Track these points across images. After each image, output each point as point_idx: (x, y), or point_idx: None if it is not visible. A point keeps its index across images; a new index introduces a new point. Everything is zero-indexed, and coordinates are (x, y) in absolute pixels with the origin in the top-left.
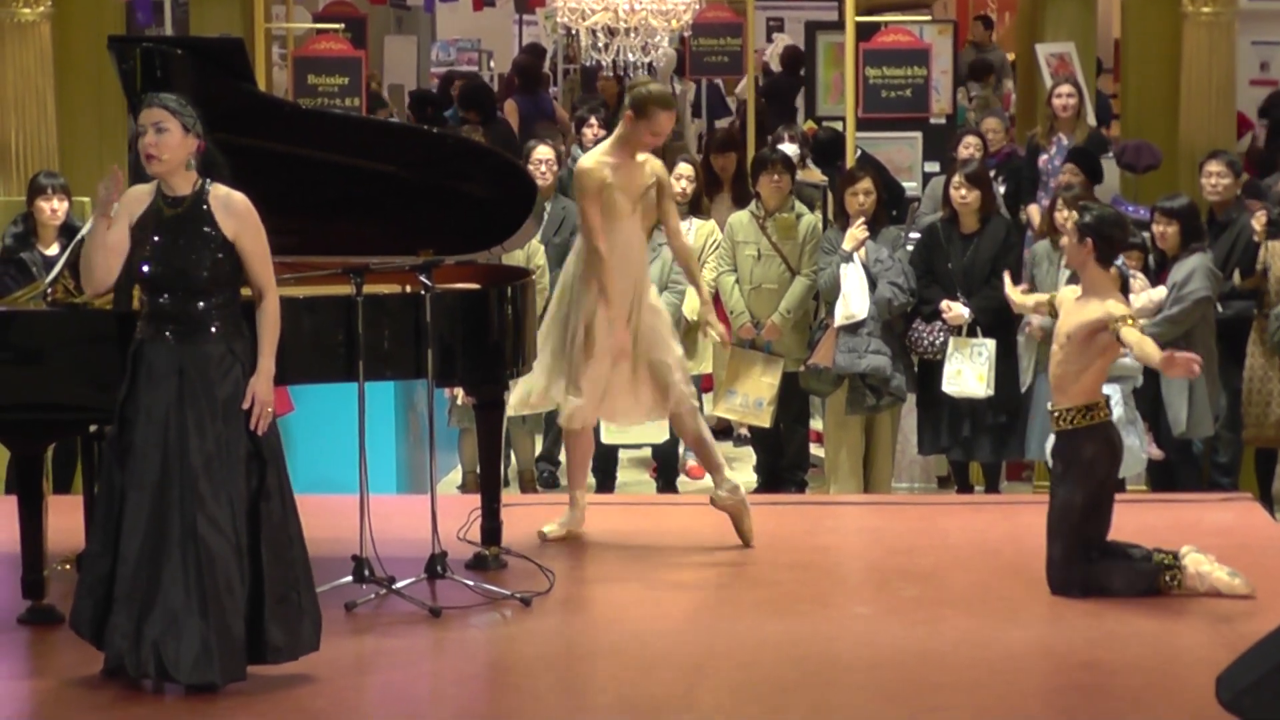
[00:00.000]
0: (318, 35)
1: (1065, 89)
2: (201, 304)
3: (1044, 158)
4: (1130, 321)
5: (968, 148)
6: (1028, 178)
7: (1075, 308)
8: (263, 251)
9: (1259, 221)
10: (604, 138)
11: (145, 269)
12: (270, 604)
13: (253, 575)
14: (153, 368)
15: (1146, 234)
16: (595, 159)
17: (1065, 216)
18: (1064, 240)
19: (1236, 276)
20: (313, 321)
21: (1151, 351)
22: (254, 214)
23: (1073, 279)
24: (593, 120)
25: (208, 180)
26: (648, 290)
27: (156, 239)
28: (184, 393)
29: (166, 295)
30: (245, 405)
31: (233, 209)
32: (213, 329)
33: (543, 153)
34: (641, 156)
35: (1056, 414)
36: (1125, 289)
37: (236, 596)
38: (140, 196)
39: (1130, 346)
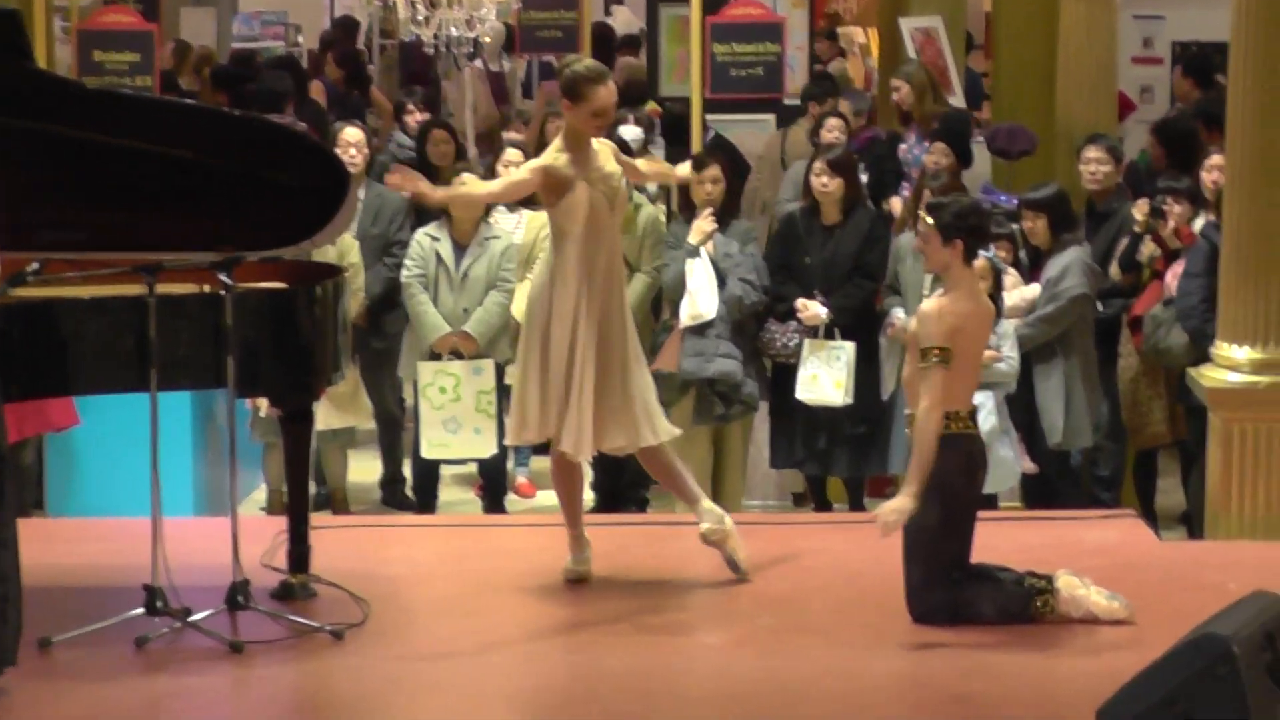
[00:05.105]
0: (105, 6)
1: (895, 81)
2: None
3: (903, 146)
4: (935, 358)
5: (830, 131)
6: (890, 170)
7: None
8: None
9: (1140, 211)
10: (425, 123)
11: None
12: None
13: None
14: None
15: (1017, 226)
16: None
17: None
18: (918, 244)
19: (1115, 271)
20: (100, 325)
21: (926, 435)
22: None
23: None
24: (410, 106)
25: None
26: None
27: None
28: None
29: None
30: None
31: None
32: None
33: (351, 134)
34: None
35: (910, 417)
36: (998, 283)
37: None
38: None
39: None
